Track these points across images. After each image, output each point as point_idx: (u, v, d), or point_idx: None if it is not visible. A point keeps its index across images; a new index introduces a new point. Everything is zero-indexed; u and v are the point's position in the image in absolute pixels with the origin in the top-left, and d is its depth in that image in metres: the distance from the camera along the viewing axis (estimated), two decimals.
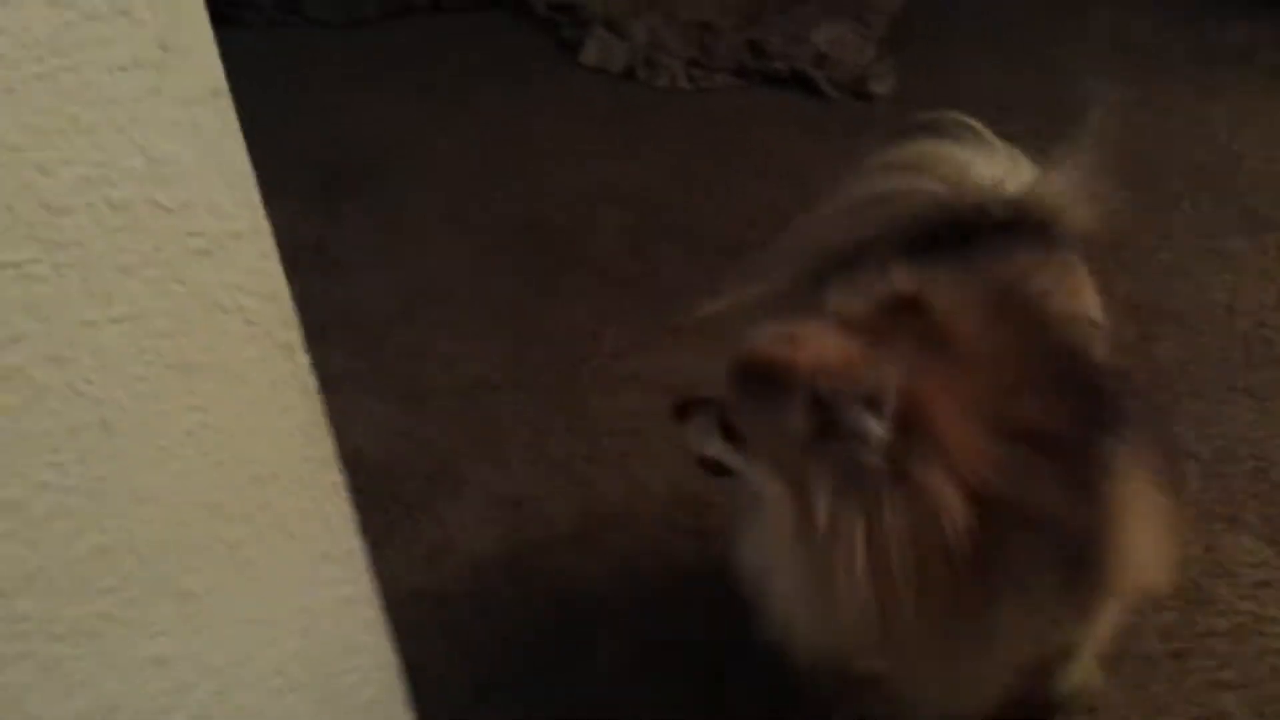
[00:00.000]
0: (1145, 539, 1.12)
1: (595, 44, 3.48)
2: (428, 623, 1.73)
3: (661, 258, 2.58)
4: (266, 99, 3.32)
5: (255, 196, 0.80)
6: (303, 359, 0.87)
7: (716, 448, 1.24)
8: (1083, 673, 1.45)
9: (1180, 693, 1.56)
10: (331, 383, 2.21)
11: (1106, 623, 1.29)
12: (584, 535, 1.87)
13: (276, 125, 3.16)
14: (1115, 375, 1.28)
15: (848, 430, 1.02)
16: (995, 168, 1.47)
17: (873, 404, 1.01)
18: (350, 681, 1.00)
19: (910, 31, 3.47)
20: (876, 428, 1.01)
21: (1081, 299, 1.39)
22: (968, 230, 1.36)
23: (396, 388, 2.20)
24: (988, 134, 1.55)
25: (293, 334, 0.86)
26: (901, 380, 1.01)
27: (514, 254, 2.62)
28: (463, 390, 2.19)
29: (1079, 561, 1.09)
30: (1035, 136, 2.92)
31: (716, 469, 1.25)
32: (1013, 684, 1.25)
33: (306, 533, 0.91)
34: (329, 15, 3.84)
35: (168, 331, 0.76)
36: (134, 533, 0.77)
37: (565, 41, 3.58)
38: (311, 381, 0.88)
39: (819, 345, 1.08)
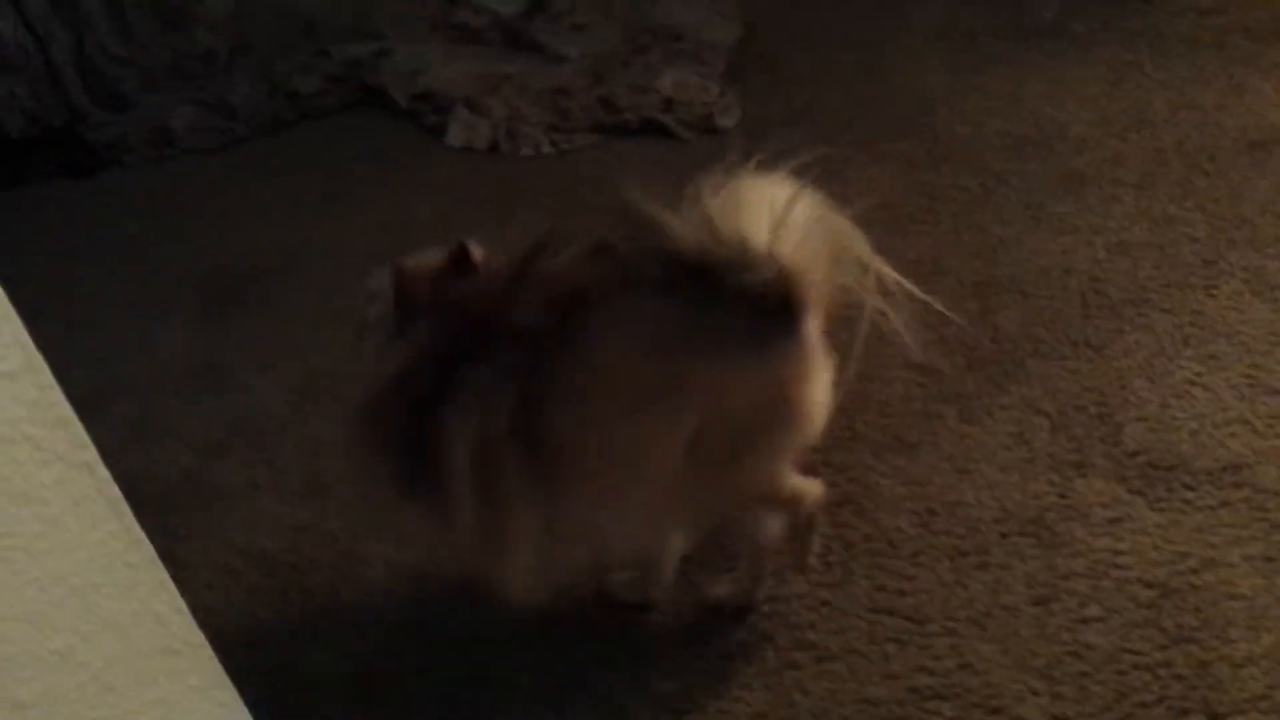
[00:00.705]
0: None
1: (458, 125, 3.61)
2: (350, 703, 1.79)
3: None
4: (149, 231, 3.43)
5: (23, 335, 0.88)
6: (103, 473, 0.95)
7: None
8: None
9: (1046, 635, 1.66)
10: (235, 492, 2.32)
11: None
12: (481, 590, 1.94)
13: (160, 254, 3.27)
14: None
15: None
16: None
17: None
18: None
19: (748, 62, 3.63)
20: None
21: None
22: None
23: (295, 486, 2.27)
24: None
25: (88, 453, 0.94)
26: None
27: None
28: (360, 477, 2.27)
29: None
30: (876, 141, 3.10)
31: None
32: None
33: (140, 632, 0.99)
34: (202, 143, 3.94)
35: None
36: None
37: (430, 128, 3.71)
38: (115, 492, 0.96)
39: None
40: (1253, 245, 2.37)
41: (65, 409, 0.92)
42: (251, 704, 1.72)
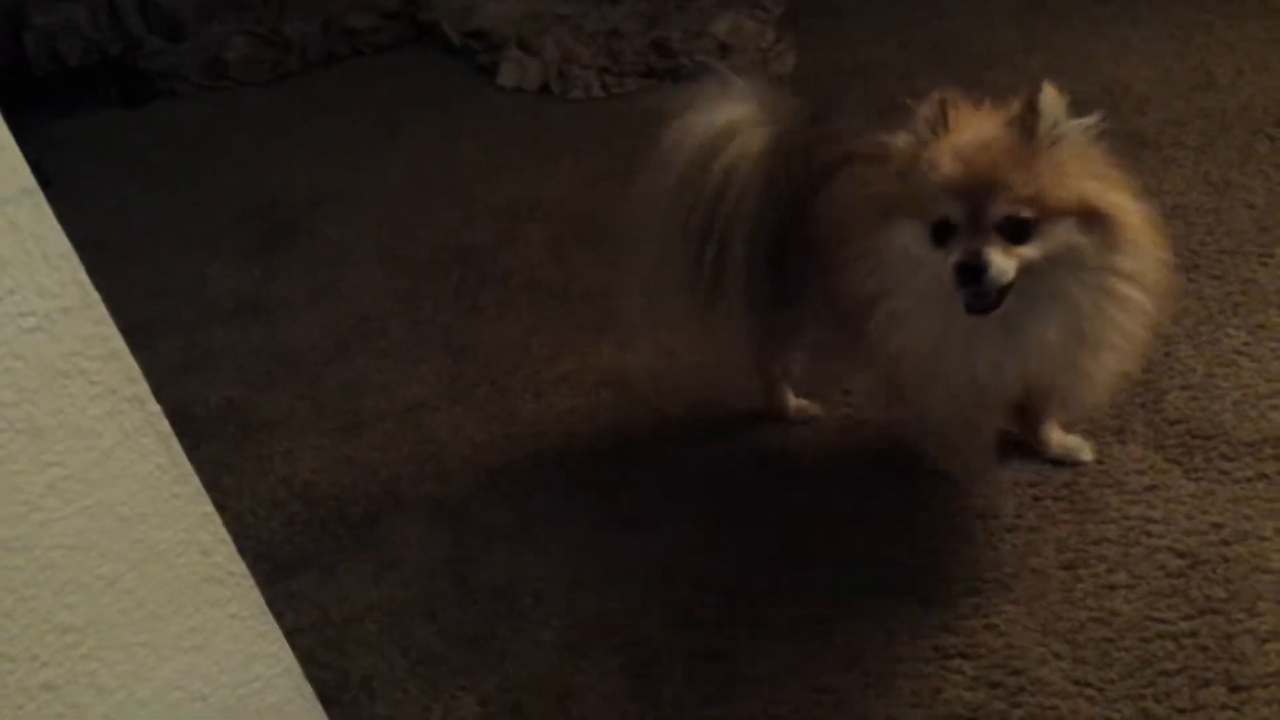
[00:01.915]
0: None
1: (510, 65, 3.61)
2: (380, 634, 1.85)
3: (583, 263, 2.70)
4: (200, 162, 3.47)
5: (80, 274, 0.91)
6: (154, 407, 0.98)
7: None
8: None
9: (1072, 600, 1.66)
10: (278, 424, 2.37)
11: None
12: (523, 532, 1.99)
13: (211, 187, 3.32)
14: None
15: None
16: None
17: None
18: (254, 689, 1.12)
19: (806, 8, 3.58)
20: None
21: None
22: None
23: (339, 421, 2.32)
24: None
25: (139, 387, 0.97)
26: None
27: (443, 278, 2.74)
28: (401, 414, 2.31)
29: None
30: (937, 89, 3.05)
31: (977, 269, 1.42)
32: None
33: (184, 561, 1.02)
34: (255, 75, 3.98)
35: (13, 401, 0.88)
36: (7, 578, 0.89)
37: (482, 67, 3.71)
38: (164, 426, 0.99)
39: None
40: None
41: (118, 343, 0.95)
42: (289, 633, 1.78)
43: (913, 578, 1.74)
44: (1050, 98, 1.44)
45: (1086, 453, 1.86)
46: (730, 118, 1.77)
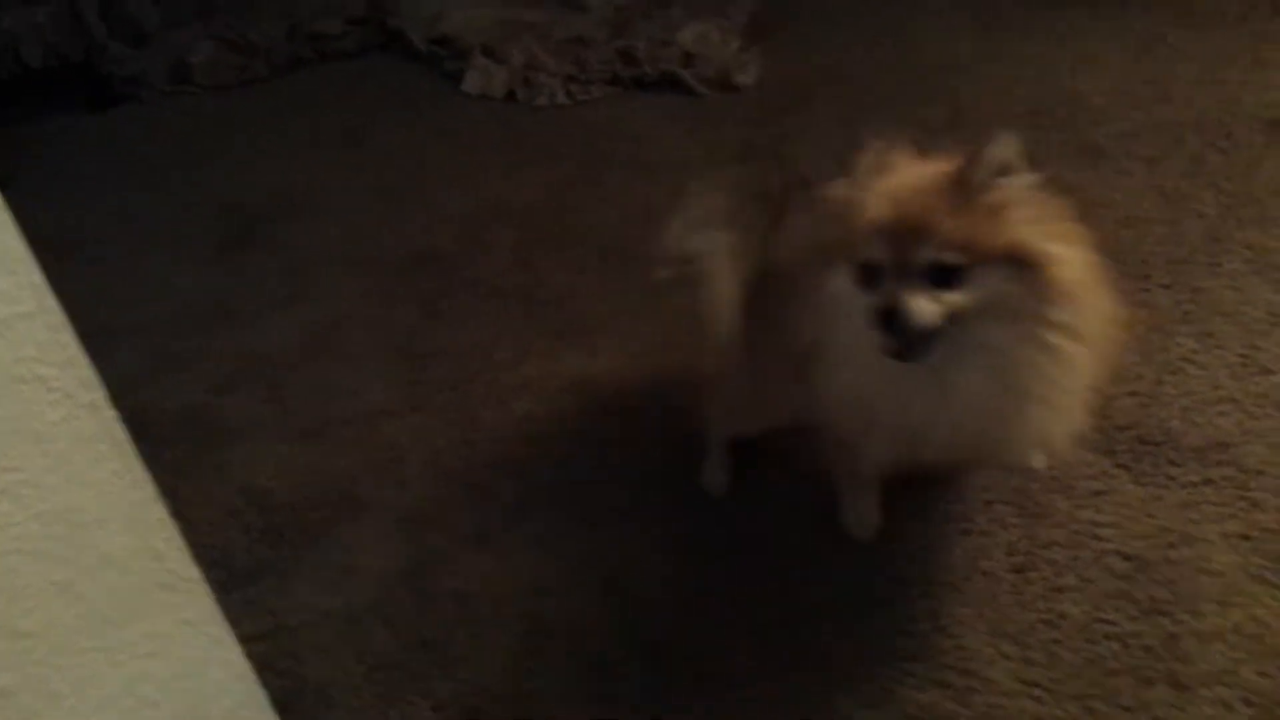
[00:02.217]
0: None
1: (475, 73, 3.62)
2: (337, 641, 1.85)
3: (547, 268, 2.71)
4: (166, 167, 3.46)
5: (37, 277, 0.92)
6: (109, 413, 0.99)
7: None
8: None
9: (1022, 602, 1.70)
10: (240, 430, 2.37)
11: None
12: (481, 537, 2.00)
13: (176, 192, 3.31)
14: None
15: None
16: None
17: None
18: (208, 695, 1.13)
19: (771, 19, 3.62)
20: None
21: None
22: None
23: (301, 425, 2.33)
24: None
25: (96, 393, 0.98)
26: None
27: (408, 283, 2.75)
28: (363, 420, 2.32)
29: None
30: (897, 106, 3.10)
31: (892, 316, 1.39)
32: None
33: (138, 567, 1.04)
34: (220, 80, 3.97)
35: None
36: None
37: (448, 74, 3.72)
38: (120, 432, 1.00)
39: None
40: (1259, 225, 2.37)
41: (75, 349, 0.96)
42: (244, 640, 1.79)
43: (868, 580, 1.77)
44: (1005, 146, 1.38)
45: (1039, 459, 1.89)
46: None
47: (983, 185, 1.37)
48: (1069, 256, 1.43)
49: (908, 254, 1.37)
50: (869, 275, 1.41)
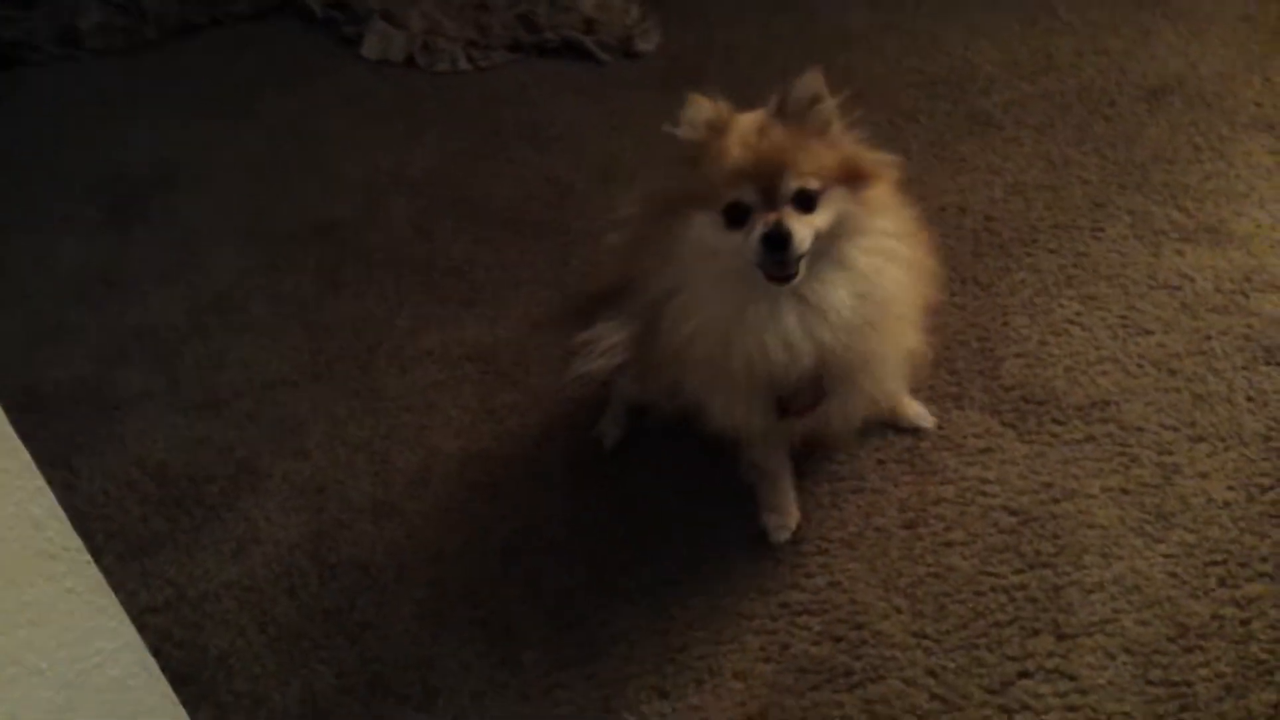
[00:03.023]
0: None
1: (374, 37, 3.55)
2: (238, 611, 1.83)
3: (448, 237, 2.69)
4: (51, 133, 3.34)
5: None
6: None
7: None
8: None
9: (912, 557, 1.75)
10: (132, 402, 2.32)
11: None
12: (383, 506, 1.99)
13: (62, 159, 3.19)
14: None
15: None
16: None
17: None
18: (94, 663, 1.10)
19: None
20: None
21: None
22: None
23: (195, 398, 2.28)
24: None
25: None
26: None
27: (305, 253, 2.69)
28: (260, 391, 2.28)
29: None
30: (791, 75, 3.12)
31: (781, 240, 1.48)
32: None
33: (15, 535, 1.01)
34: (110, 44, 3.82)
35: None
36: None
37: (346, 38, 3.64)
38: None
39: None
40: (1141, 190, 2.46)
41: None
42: (142, 611, 1.76)
43: (762, 539, 1.80)
44: (810, 80, 1.52)
45: (928, 419, 1.95)
46: None
47: (805, 116, 1.52)
48: (884, 165, 1.60)
49: (774, 188, 1.49)
50: (736, 215, 1.51)
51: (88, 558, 1.09)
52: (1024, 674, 1.57)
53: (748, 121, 1.55)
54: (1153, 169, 2.52)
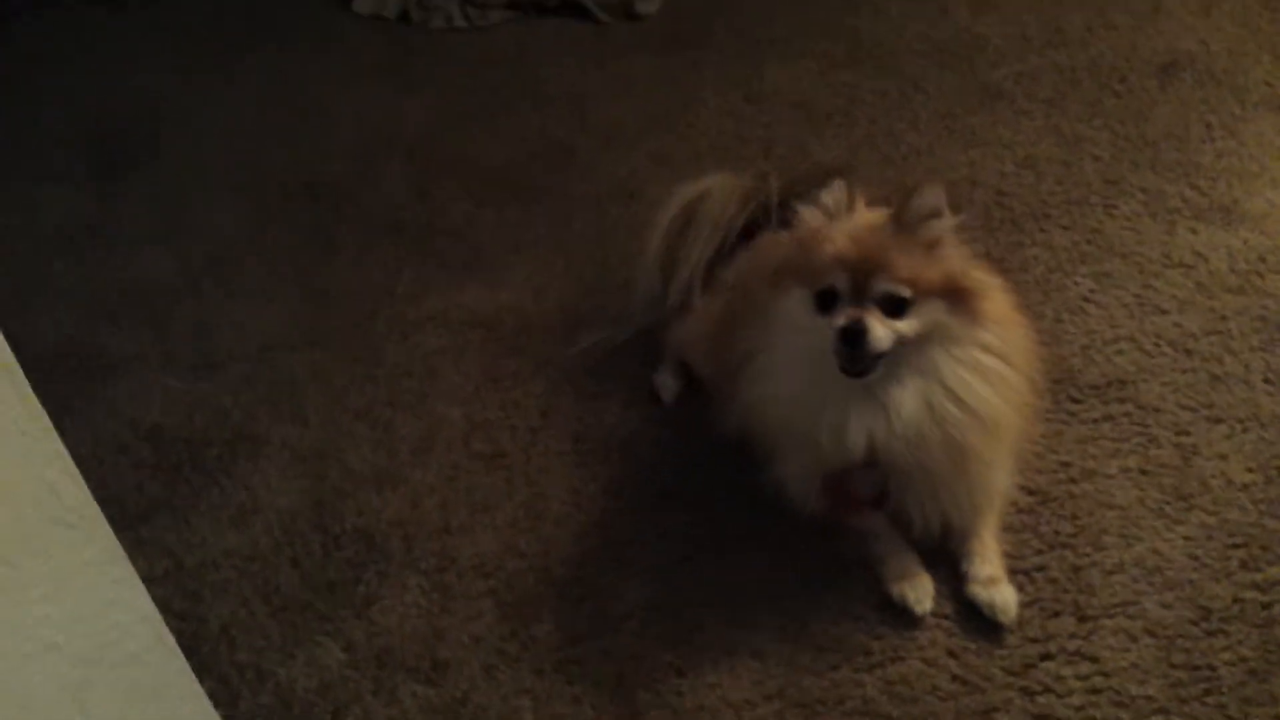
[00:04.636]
0: None
1: None
2: (239, 581, 1.78)
3: (446, 198, 2.63)
4: (34, 84, 3.24)
5: None
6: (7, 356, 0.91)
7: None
8: None
9: None
10: (123, 364, 2.25)
11: None
12: (386, 475, 1.94)
13: (46, 110, 3.09)
14: None
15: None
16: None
17: None
18: (111, 638, 1.06)
19: None
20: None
21: None
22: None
23: (189, 360, 2.21)
24: None
25: None
26: None
27: (299, 213, 2.63)
28: (256, 355, 2.22)
29: None
30: (797, 38, 3.06)
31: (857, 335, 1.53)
32: None
33: (33, 503, 0.96)
34: None
35: None
36: None
37: None
38: (9, 358, 0.92)
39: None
40: (1153, 168, 2.43)
41: None
42: (145, 579, 1.70)
43: (779, 519, 1.76)
44: (931, 194, 1.56)
45: (1009, 612, 1.60)
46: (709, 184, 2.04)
47: (917, 227, 1.56)
48: (993, 285, 1.63)
49: (865, 285, 1.54)
50: (826, 300, 1.57)
51: (106, 527, 1.04)
52: (1046, 656, 1.55)
53: (865, 217, 1.62)
54: (1164, 146, 2.50)
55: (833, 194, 1.61)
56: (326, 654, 1.66)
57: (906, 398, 1.56)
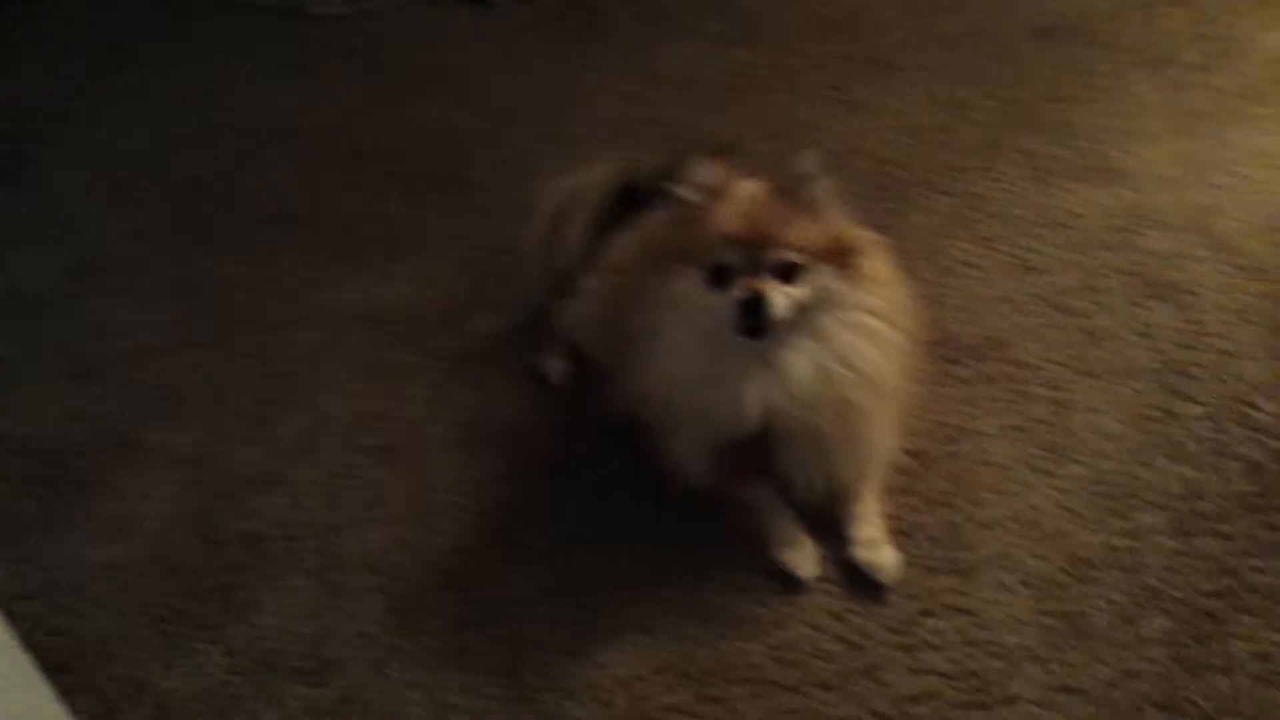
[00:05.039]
0: None
1: None
2: (116, 593, 1.74)
3: (334, 190, 2.59)
4: None
5: None
6: None
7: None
8: None
9: None
10: None
11: None
12: (269, 476, 1.90)
13: None
14: None
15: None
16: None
17: None
18: None
19: None
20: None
21: None
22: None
23: (63, 367, 2.15)
24: None
25: None
26: None
27: (182, 211, 2.57)
28: (133, 358, 2.17)
29: None
30: (687, 16, 3.06)
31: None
32: None
33: None
34: None
35: None
36: None
37: None
38: None
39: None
40: (1032, 130, 2.47)
41: None
42: (10, 600, 1.65)
43: (663, 495, 1.76)
44: (806, 160, 1.59)
45: (890, 573, 1.63)
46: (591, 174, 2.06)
47: (798, 193, 1.59)
48: (876, 247, 1.66)
49: (758, 256, 1.55)
50: (720, 276, 1.57)
51: None
52: (926, 612, 1.57)
53: (744, 190, 1.63)
54: (1043, 108, 2.54)
55: (707, 172, 1.62)
56: (208, 661, 1.63)
57: (799, 362, 1.59)
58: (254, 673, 1.61)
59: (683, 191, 1.64)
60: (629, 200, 1.98)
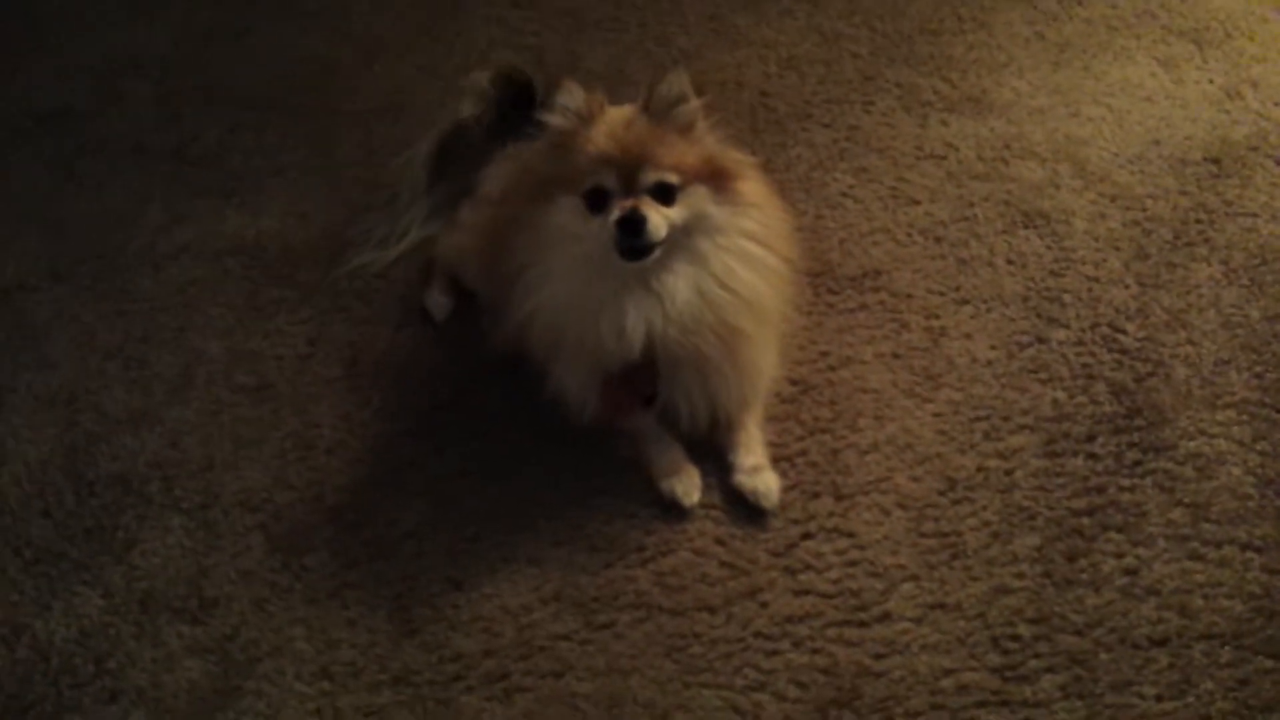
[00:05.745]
0: None
1: None
2: None
3: (199, 123, 2.49)
4: None
5: None
6: None
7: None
8: None
9: None
10: None
11: None
12: (142, 415, 1.85)
13: None
14: None
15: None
16: None
17: None
18: None
19: None
20: None
21: None
22: None
23: None
24: None
25: None
26: None
27: (35, 145, 2.45)
28: None
29: None
30: None
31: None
32: None
33: None
34: None
35: None
36: None
37: None
38: None
39: None
40: (908, 63, 2.50)
41: None
42: None
43: (550, 427, 1.77)
44: (675, 80, 1.59)
45: (771, 498, 1.66)
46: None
47: (669, 114, 1.59)
48: (752, 170, 1.67)
49: (633, 178, 1.56)
50: (596, 200, 1.58)
51: None
52: (806, 535, 1.62)
53: (616, 114, 1.62)
54: (919, 41, 2.57)
55: (572, 96, 1.60)
56: (85, 603, 1.59)
57: (680, 286, 1.60)
58: (133, 613, 1.58)
59: (553, 117, 1.63)
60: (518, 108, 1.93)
